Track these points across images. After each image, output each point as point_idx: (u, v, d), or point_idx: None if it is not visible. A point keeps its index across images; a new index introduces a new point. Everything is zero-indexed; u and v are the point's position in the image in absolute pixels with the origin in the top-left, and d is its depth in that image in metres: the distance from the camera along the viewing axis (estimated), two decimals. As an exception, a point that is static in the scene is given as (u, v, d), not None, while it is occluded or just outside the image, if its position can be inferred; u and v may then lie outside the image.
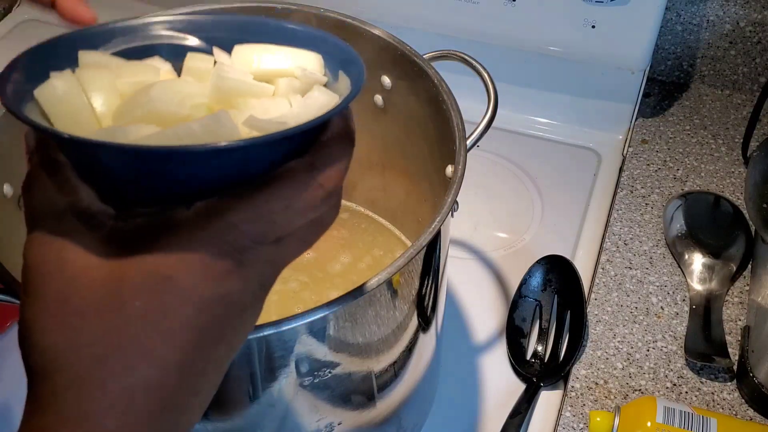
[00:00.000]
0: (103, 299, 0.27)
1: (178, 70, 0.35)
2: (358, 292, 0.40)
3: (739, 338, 0.65)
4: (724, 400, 0.62)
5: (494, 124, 0.54)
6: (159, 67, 0.34)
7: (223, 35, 0.36)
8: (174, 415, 0.28)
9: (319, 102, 0.33)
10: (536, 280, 0.69)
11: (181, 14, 0.37)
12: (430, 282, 0.49)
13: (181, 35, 0.36)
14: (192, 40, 0.36)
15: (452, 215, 0.49)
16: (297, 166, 0.30)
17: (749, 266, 0.71)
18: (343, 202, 0.70)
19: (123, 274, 0.27)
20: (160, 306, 0.27)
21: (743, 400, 0.62)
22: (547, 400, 0.64)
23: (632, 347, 0.65)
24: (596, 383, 0.63)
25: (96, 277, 0.28)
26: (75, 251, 0.28)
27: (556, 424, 0.61)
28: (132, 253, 0.28)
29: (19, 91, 0.30)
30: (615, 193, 0.80)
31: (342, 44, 0.35)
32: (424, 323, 0.51)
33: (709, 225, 0.74)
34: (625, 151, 0.85)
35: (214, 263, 0.28)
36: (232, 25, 0.36)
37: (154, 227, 0.28)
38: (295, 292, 0.62)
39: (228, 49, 0.35)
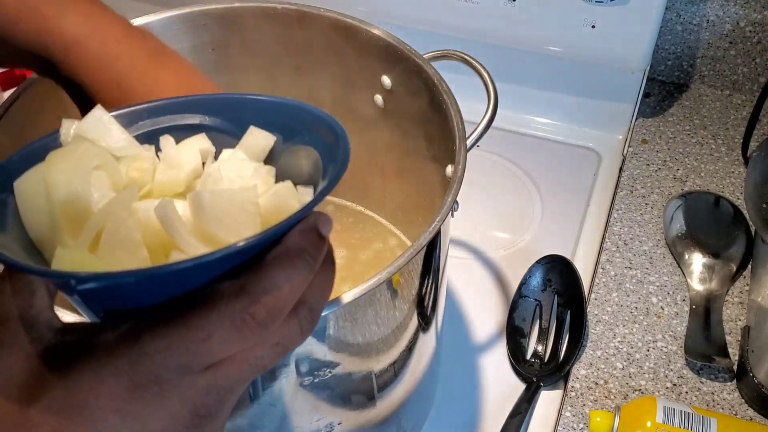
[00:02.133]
0: (13, 420, 0.26)
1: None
2: (358, 291, 0.40)
3: (739, 338, 0.65)
4: (724, 400, 0.62)
5: (494, 124, 0.54)
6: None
7: (228, 113, 0.35)
8: None
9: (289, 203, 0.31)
10: (536, 280, 0.69)
11: (180, 98, 0.36)
12: (430, 282, 0.49)
13: (179, 116, 0.35)
14: (193, 119, 0.35)
15: (452, 215, 0.49)
16: (223, 290, 0.27)
17: (749, 266, 0.71)
18: (343, 201, 0.71)
19: (38, 395, 0.26)
20: None
21: (743, 400, 0.62)
22: (547, 400, 0.64)
23: (632, 347, 0.65)
24: (596, 383, 0.63)
25: (13, 394, 0.27)
26: (6, 360, 0.27)
27: (556, 424, 0.61)
28: (52, 374, 0.26)
29: None
30: (615, 193, 0.80)
31: (338, 132, 0.33)
32: (424, 323, 0.51)
33: (709, 225, 0.74)
34: (625, 151, 0.85)
35: (123, 394, 0.26)
36: (228, 103, 0.35)
37: (78, 347, 0.27)
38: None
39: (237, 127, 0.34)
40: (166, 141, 0.34)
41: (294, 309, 0.29)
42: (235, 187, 0.31)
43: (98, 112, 0.32)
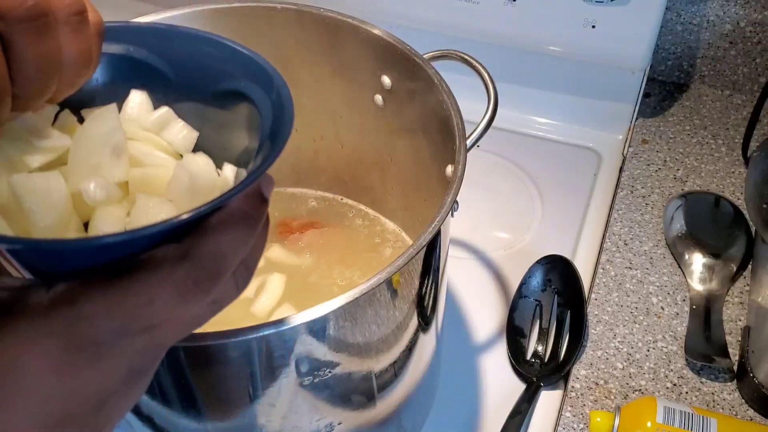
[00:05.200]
0: None
1: None
2: (358, 291, 0.40)
3: (739, 338, 0.65)
4: (724, 400, 0.62)
5: (494, 124, 0.54)
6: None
7: (178, 51, 0.34)
8: None
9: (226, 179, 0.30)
10: (536, 280, 0.69)
11: (125, 23, 0.34)
12: (430, 282, 0.49)
13: (133, 47, 0.34)
14: (143, 53, 0.34)
15: (452, 215, 0.49)
16: (166, 255, 0.27)
17: (749, 266, 0.71)
18: (344, 201, 0.71)
19: None
20: (2, 393, 0.25)
21: (743, 400, 0.62)
22: (547, 400, 0.64)
23: (632, 347, 0.65)
24: (596, 383, 0.63)
25: None
26: None
27: (556, 424, 0.61)
28: None
29: None
30: (615, 193, 0.80)
31: (283, 91, 0.31)
32: (424, 323, 0.51)
33: (709, 225, 0.74)
34: (625, 151, 0.85)
35: (60, 356, 0.26)
36: (187, 41, 0.34)
37: (9, 306, 0.26)
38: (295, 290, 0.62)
39: (180, 69, 0.33)
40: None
41: None
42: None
43: None
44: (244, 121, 0.33)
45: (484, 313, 0.70)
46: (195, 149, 0.35)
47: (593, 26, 0.80)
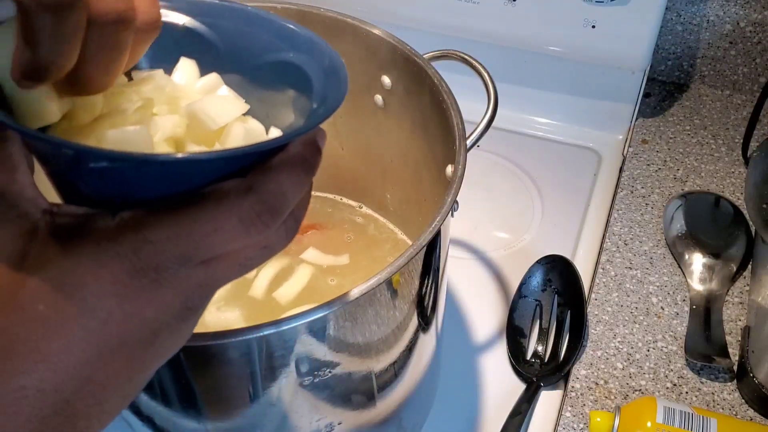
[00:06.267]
0: (5, 298, 0.26)
1: (164, 55, 0.34)
2: (358, 291, 0.40)
3: (739, 338, 0.65)
4: (724, 400, 0.62)
5: (494, 124, 0.54)
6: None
7: (227, 23, 0.35)
8: (69, 420, 0.27)
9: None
10: (536, 280, 0.69)
11: None
12: (430, 282, 0.49)
13: (184, 17, 0.35)
14: (194, 23, 0.35)
15: (452, 215, 0.49)
16: (231, 187, 0.28)
17: (749, 266, 0.71)
18: (344, 201, 0.71)
19: (31, 273, 0.26)
20: (63, 313, 0.26)
21: (743, 400, 0.62)
22: (547, 400, 0.64)
23: (632, 347, 0.65)
24: (596, 383, 0.63)
25: (3, 273, 0.26)
26: None
27: (556, 424, 0.61)
28: (45, 254, 0.26)
29: None
30: (615, 193, 0.80)
31: (335, 58, 0.33)
32: (424, 323, 0.51)
33: (709, 225, 0.74)
34: (625, 151, 0.85)
35: (124, 279, 0.26)
36: (236, 14, 0.35)
37: (74, 230, 0.27)
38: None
39: (228, 40, 0.35)
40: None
41: None
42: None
43: None
44: (289, 100, 0.34)
45: (484, 313, 0.70)
46: None
47: (593, 26, 0.80)
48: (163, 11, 0.31)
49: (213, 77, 0.35)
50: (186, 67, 0.35)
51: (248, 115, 0.34)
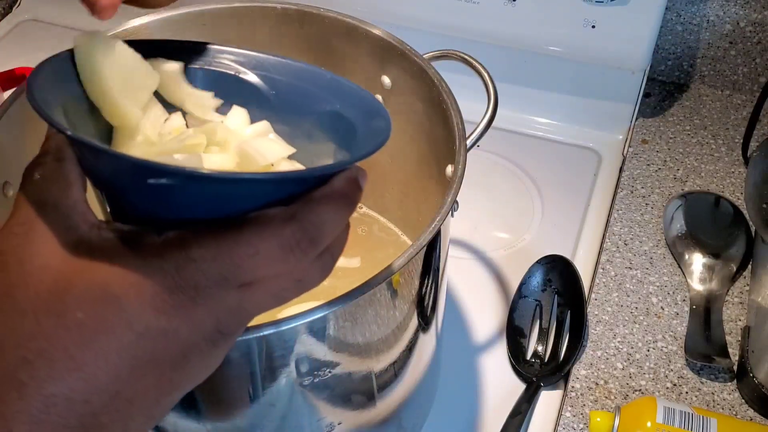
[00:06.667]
0: (47, 303, 0.27)
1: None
2: (358, 291, 0.40)
3: (739, 338, 0.65)
4: (724, 400, 0.62)
5: (494, 124, 0.54)
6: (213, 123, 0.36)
7: (281, 77, 0.38)
8: None
9: None
10: (536, 280, 0.69)
11: (243, 49, 0.39)
12: (430, 282, 0.49)
13: (243, 69, 0.38)
14: (251, 76, 0.38)
15: (452, 215, 0.49)
16: (275, 214, 0.29)
17: (749, 266, 0.71)
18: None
19: (74, 281, 0.27)
20: (100, 323, 0.27)
21: (743, 400, 0.62)
22: (547, 400, 0.64)
23: (632, 347, 0.65)
24: (596, 383, 0.63)
25: (47, 279, 0.27)
26: (40, 246, 0.28)
27: (556, 424, 0.61)
28: (90, 264, 0.27)
29: (45, 87, 0.31)
30: (615, 193, 0.80)
31: (380, 109, 0.35)
32: (424, 323, 0.51)
33: (709, 225, 0.74)
34: (625, 151, 0.85)
35: (164, 294, 0.27)
36: (290, 70, 0.38)
37: (119, 244, 0.28)
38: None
39: (281, 92, 0.38)
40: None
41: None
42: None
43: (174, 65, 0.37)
44: (331, 152, 0.36)
45: (484, 313, 0.70)
46: None
47: (593, 26, 0.80)
48: (226, 62, 0.35)
49: (263, 124, 0.37)
50: (237, 114, 0.38)
51: (293, 159, 0.36)
